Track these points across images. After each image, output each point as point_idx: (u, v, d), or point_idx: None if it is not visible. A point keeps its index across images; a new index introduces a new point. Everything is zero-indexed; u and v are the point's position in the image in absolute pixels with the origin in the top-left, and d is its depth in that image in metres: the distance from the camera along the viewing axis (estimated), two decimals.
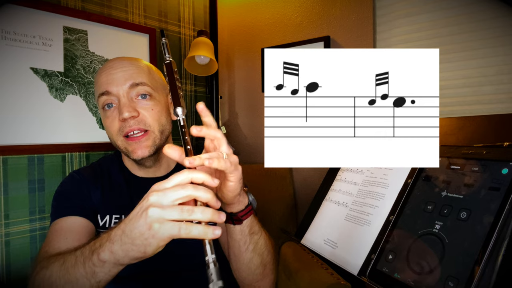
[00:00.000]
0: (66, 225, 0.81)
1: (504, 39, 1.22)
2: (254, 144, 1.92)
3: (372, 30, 1.50)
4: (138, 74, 0.87)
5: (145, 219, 0.50)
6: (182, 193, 0.51)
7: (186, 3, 1.88)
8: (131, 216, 0.54)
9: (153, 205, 0.51)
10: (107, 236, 0.57)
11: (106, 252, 0.55)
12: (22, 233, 1.28)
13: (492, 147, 0.73)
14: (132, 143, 0.85)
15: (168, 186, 0.52)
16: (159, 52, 1.73)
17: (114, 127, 0.86)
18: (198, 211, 0.51)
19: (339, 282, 0.99)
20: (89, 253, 0.58)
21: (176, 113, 0.62)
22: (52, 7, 1.34)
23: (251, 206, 0.73)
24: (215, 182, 0.54)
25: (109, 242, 0.56)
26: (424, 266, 0.69)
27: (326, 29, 1.62)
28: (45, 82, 1.35)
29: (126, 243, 0.53)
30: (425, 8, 1.38)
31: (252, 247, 0.76)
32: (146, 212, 0.51)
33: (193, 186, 0.52)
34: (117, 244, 0.54)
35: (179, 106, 0.61)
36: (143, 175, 0.94)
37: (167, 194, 0.51)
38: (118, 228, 0.56)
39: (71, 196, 0.87)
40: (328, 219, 1.03)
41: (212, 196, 0.53)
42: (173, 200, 0.51)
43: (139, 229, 0.51)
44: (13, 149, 1.26)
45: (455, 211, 0.70)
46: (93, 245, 0.59)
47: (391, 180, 0.91)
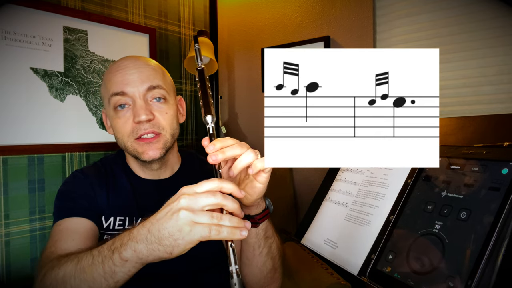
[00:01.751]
0: (72, 226, 0.80)
1: (504, 39, 1.22)
2: (254, 144, 1.92)
3: (372, 30, 1.50)
4: (154, 76, 0.86)
5: (176, 221, 0.52)
6: (212, 200, 0.53)
7: (186, 3, 1.88)
8: (159, 216, 0.55)
9: (184, 208, 0.52)
10: (128, 235, 0.57)
11: (128, 251, 0.56)
12: (22, 233, 1.28)
13: (492, 147, 0.73)
14: (144, 144, 0.84)
15: (198, 191, 0.54)
16: (159, 52, 1.73)
17: (127, 129, 0.84)
18: (226, 218, 0.53)
19: (339, 282, 0.99)
20: (109, 252, 0.58)
21: (205, 120, 0.64)
22: (52, 7, 1.34)
23: (268, 210, 0.74)
24: (242, 193, 0.57)
25: (132, 241, 0.56)
26: (424, 266, 0.69)
27: (326, 29, 1.62)
28: (45, 82, 1.35)
29: (153, 243, 0.54)
30: (425, 8, 1.38)
31: (266, 251, 0.77)
32: (178, 214, 0.52)
33: (222, 195, 0.54)
34: (142, 243, 0.54)
35: (210, 114, 0.64)
36: (147, 177, 0.93)
37: (198, 199, 0.53)
38: (142, 227, 0.56)
39: (75, 196, 0.85)
40: (328, 219, 1.03)
41: (238, 207, 0.55)
42: (203, 206, 0.53)
43: (168, 230, 0.52)
44: (13, 149, 1.26)
45: (455, 211, 0.70)
46: (112, 244, 0.59)
47: (391, 180, 0.91)
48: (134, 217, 0.87)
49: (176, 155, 0.97)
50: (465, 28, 1.30)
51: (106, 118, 0.93)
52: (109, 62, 1.53)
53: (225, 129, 1.93)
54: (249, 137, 1.95)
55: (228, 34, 2.02)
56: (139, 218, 0.86)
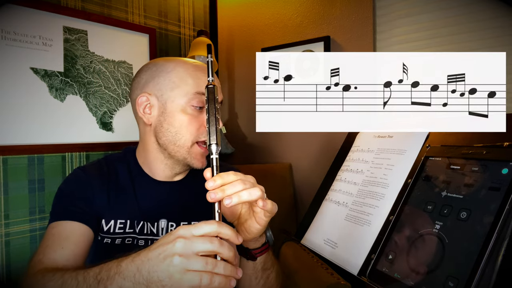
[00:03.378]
0: (65, 231, 0.77)
1: (504, 39, 1.22)
2: (254, 144, 1.92)
3: (372, 30, 1.50)
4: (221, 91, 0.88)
5: (168, 267, 0.50)
6: (209, 247, 0.52)
7: (186, 3, 1.88)
8: (151, 255, 0.53)
9: (179, 254, 0.51)
10: (116, 268, 0.55)
11: (114, 286, 0.54)
12: (22, 233, 1.28)
13: (492, 147, 0.73)
14: (202, 152, 0.84)
15: (195, 234, 0.53)
16: (159, 52, 1.73)
17: (195, 129, 0.82)
18: (221, 265, 0.52)
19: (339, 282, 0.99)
20: (94, 281, 0.56)
21: (210, 150, 0.60)
22: (52, 7, 1.34)
23: (267, 245, 0.74)
24: (239, 240, 0.56)
25: (119, 277, 0.54)
26: (424, 266, 0.69)
27: (326, 29, 1.62)
28: (45, 82, 1.35)
29: (140, 284, 0.52)
30: (425, 8, 1.38)
31: (263, 282, 0.77)
32: (172, 260, 0.50)
33: (219, 241, 0.53)
34: (129, 282, 0.53)
35: (214, 143, 0.60)
36: (159, 178, 0.90)
37: (194, 244, 0.52)
38: (131, 263, 0.54)
39: (74, 198, 0.83)
40: (328, 219, 1.03)
41: (233, 255, 0.54)
42: (198, 251, 0.52)
43: (158, 274, 0.51)
44: (13, 149, 1.26)
45: (455, 211, 0.70)
46: (98, 274, 0.57)
47: (391, 180, 0.91)
48: (136, 220, 0.85)
49: None
50: (465, 28, 1.30)
51: (150, 107, 0.84)
52: (109, 62, 1.53)
53: (225, 129, 1.93)
54: (249, 137, 1.95)
55: (228, 34, 2.02)
56: (141, 221, 0.85)
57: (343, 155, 1.15)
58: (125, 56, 1.58)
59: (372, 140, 1.06)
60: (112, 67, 1.54)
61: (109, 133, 1.54)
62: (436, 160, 0.83)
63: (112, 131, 1.55)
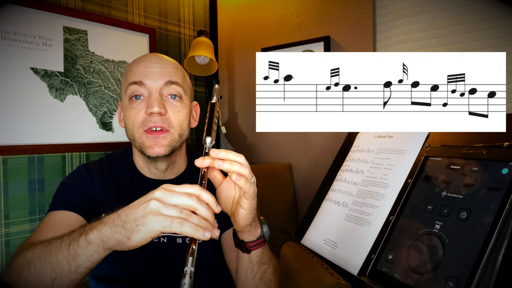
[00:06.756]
0: (59, 219, 0.79)
1: (504, 39, 1.22)
2: (254, 144, 1.92)
3: (372, 30, 1.50)
4: (175, 73, 0.87)
5: (144, 209, 0.53)
6: (187, 201, 0.54)
7: (186, 3, 1.88)
8: (132, 204, 0.56)
9: (156, 198, 0.53)
10: (100, 221, 0.59)
11: (94, 232, 0.57)
12: (22, 233, 1.28)
13: (492, 147, 0.73)
14: (151, 137, 0.84)
15: (176, 190, 0.55)
16: (159, 52, 1.73)
17: (138, 120, 0.84)
18: (195, 217, 0.53)
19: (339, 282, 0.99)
20: (77, 235, 0.59)
21: (205, 141, 0.66)
22: (52, 7, 1.34)
23: (263, 239, 0.74)
24: (218, 209, 0.57)
25: (100, 224, 0.57)
26: (424, 266, 0.69)
27: (326, 29, 1.62)
28: (45, 82, 1.35)
29: (117, 225, 0.55)
30: (425, 8, 1.38)
31: (259, 276, 0.77)
32: (148, 204, 0.53)
33: (198, 198, 0.55)
34: (108, 226, 0.56)
35: (209, 136, 0.66)
36: (152, 176, 0.92)
37: (173, 195, 0.54)
38: (114, 213, 0.57)
39: (74, 189, 0.85)
40: (328, 219, 1.03)
41: (211, 215, 0.55)
42: (175, 203, 0.54)
43: (134, 215, 0.54)
44: (13, 149, 1.26)
45: (455, 211, 0.70)
46: (82, 228, 0.60)
47: (391, 180, 0.91)
48: None
49: (183, 157, 0.97)
50: (465, 28, 1.30)
51: (120, 111, 0.93)
52: (109, 62, 1.53)
53: (225, 129, 1.93)
54: (249, 137, 1.95)
55: (228, 34, 2.02)
56: None
57: (343, 155, 1.15)
58: (125, 56, 1.58)
59: (372, 140, 1.06)
60: (112, 67, 1.54)
61: (109, 133, 1.54)
62: (436, 160, 0.83)
63: (112, 131, 1.55)
